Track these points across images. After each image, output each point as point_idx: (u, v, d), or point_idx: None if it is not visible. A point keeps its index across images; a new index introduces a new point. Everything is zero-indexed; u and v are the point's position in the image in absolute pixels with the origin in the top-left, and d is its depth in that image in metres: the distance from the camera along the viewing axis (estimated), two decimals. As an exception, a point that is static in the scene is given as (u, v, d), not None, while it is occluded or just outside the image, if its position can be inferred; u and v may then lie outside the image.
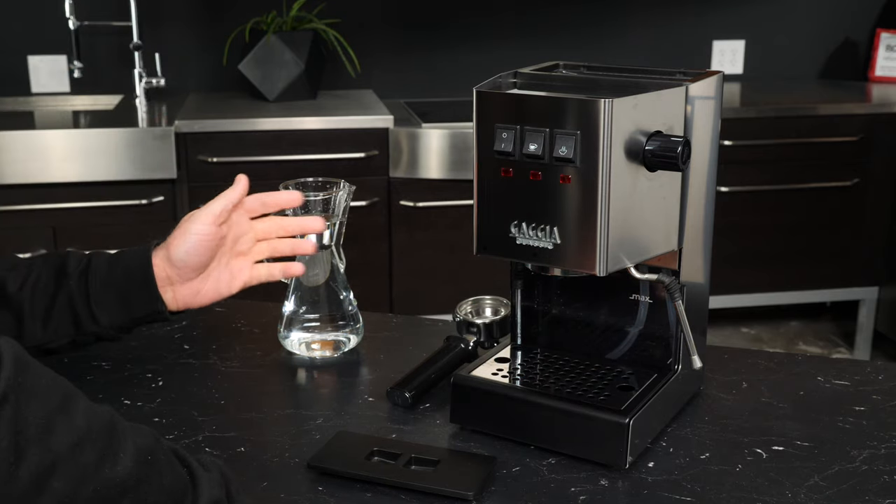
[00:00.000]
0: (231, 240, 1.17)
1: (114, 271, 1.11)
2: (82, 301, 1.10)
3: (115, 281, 1.11)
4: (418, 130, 3.00)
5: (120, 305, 1.11)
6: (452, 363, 1.16)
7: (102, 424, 0.71)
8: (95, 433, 0.70)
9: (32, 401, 0.67)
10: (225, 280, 1.17)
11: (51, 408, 0.68)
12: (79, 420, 0.69)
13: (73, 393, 0.71)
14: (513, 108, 0.94)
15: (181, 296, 1.14)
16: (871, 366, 1.23)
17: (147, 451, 0.74)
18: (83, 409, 0.70)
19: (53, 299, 1.10)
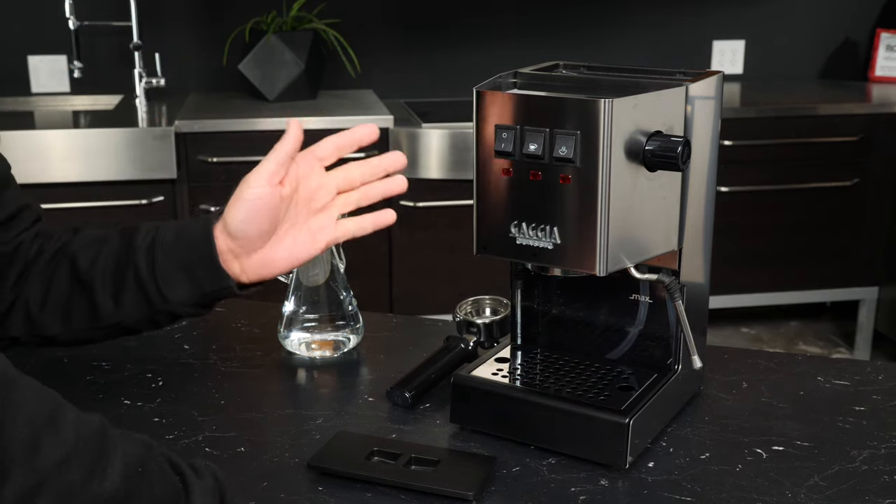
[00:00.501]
0: (303, 197, 1.03)
1: (179, 245, 1.00)
2: (150, 278, 1.00)
3: (180, 256, 1.00)
4: (418, 130, 2.99)
5: (188, 282, 1.00)
6: (452, 363, 1.16)
7: (91, 438, 0.70)
8: (83, 448, 0.69)
9: (18, 417, 0.66)
10: (303, 243, 1.03)
11: (38, 424, 0.67)
12: (66, 435, 0.68)
13: (61, 406, 0.69)
14: (513, 108, 0.94)
15: (250, 268, 1.02)
16: (871, 366, 1.23)
17: (138, 461, 0.73)
18: (71, 423, 0.69)
19: (123, 276, 1.01)
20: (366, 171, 1.06)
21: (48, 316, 1.04)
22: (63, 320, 1.04)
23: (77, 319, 1.04)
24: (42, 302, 1.04)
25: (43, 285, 1.04)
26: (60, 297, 1.04)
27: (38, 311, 1.04)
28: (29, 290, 1.05)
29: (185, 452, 1.02)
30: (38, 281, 1.04)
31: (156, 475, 0.74)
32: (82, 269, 1.03)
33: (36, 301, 1.04)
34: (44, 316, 1.04)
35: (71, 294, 1.03)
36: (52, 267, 1.05)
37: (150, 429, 1.07)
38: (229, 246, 1.00)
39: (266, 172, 0.99)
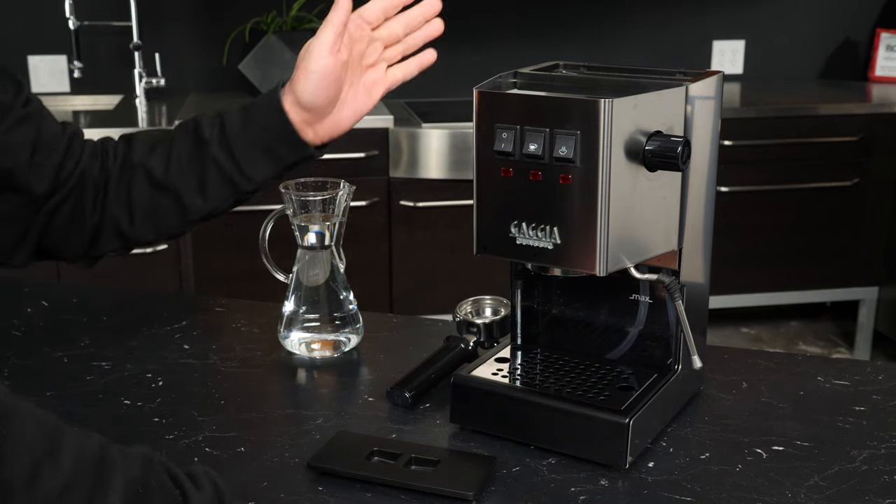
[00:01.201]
0: (356, 58, 1.10)
1: (252, 129, 1.08)
2: (232, 166, 1.08)
3: (256, 139, 1.08)
4: (418, 130, 2.99)
5: (271, 161, 1.09)
6: (452, 363, 1.16)
7: (91, 463, 0.70)
8: (83, 475, 0.69)
9: (18, 448, 0.66)
10: (362, 97, 1.12)
11: (37, 455, 0.67)
12: (66, 464, 0.68)
13: (60, 433, 0.69)
14: (513, 108, 0.94)
15: (322, 131, 1.11)
16: (871, 366, 1.23)
17: (138, 482, 0.73)
18: (71, 451, 0.69)
19: (203, 171, 1.09)
20: (407, 22, 1.13)
21: (139, 228, 1.12)
22: (155, 227, 1.12)
23: (167, 223, 1.12)
24: (130, 219, 1.11)
25: (125, 203, 1.11)
26: (146, 208, 1.11)
27: (128, 226, 1.11)
28: (111, 211, 1.10)
29: (185, 452, 1.02)
30: (117, 201, 1.10)
31: (156, 493, 0.74)
32: (160, 177, 1.09)
33: (124, 219, 1.11)
34: (135, 229, 1.12)
35: (156, 203, 1.10)
36: (125, 184, 1.10)
37: (150, 429, 1.07)
38: (303, 117, 1.09)
39: (326, 45, 1.05)
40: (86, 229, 1.12)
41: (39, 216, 1.10)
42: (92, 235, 1.13)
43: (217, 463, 1.00)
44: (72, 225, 1.12)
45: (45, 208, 1.10)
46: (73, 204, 1.11)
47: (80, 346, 1.28)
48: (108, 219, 1.12)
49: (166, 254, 2.93)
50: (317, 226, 1.24)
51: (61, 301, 1.43)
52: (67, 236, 1.12)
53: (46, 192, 1.09)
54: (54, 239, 1.13)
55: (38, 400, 1.12)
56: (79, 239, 1.13)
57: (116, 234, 1.13)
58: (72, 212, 1.11)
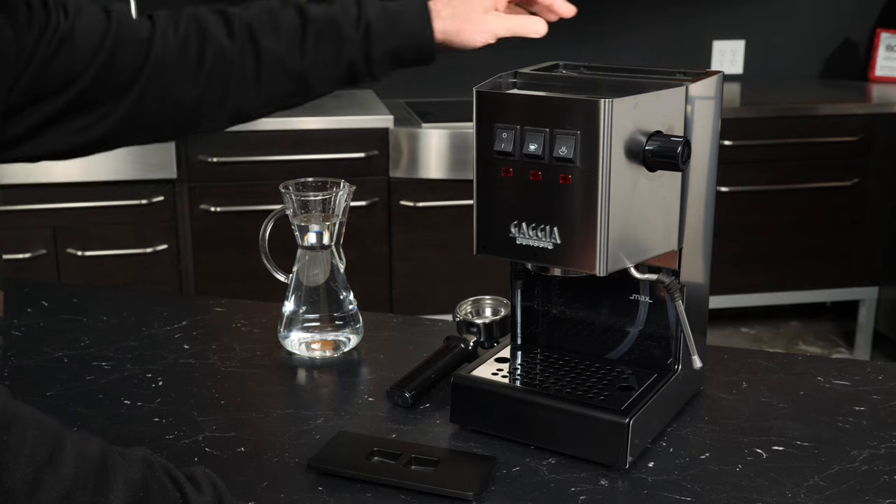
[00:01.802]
0: None
1: (394, 38, 1.10)
2: (364, 67, 1.11)
3: (394, 47, 1.10)
4: (418, 130, 2.99)
5: (395, 63, 1.12)
6: (452, 363, 1.16)
7: (92, 468, 0.70)
8: (84, 480, 0.69)
9: (20, 457, 0.66)
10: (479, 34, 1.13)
11: (38, 463, 0.67)
12: (67, 470, 0.68)
13: (61, 439, 0.69)
14: (513, 108, 0.94)
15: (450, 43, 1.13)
16: (871, 366, 1.23)
17: (139, 486, 0.73)
18: (72, 457, 0.69)
19: (337, 67, 1.10)
20: None
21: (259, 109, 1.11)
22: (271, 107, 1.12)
23: (286, 104, 1.13)
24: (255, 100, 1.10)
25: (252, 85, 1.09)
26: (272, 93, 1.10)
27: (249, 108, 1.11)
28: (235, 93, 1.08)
29: (185, 452, 1.02)
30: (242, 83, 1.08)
31: (157, 496, 0.75)
32: (294, 68, 1.09)
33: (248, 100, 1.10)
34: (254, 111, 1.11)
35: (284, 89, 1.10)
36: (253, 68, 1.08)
37: (150, 429, 1.07)
38: (445, 30, 1.11)
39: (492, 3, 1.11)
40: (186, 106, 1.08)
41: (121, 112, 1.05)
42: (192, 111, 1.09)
43: (217, 463, 1.00)
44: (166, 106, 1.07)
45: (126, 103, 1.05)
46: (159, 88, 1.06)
47: (80, 346, 1.28)
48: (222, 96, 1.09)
49: (166, 254, 2.93)
50: (317, 226, 1.24)
51: (61, 301, 1.43)
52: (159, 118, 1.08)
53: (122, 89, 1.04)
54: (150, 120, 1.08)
55: (38, 400, 1.12)
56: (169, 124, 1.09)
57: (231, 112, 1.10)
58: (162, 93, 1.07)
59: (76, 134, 1.04)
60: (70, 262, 2.87)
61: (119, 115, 1.05)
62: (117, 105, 1.04)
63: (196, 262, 2.99)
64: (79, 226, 2.84)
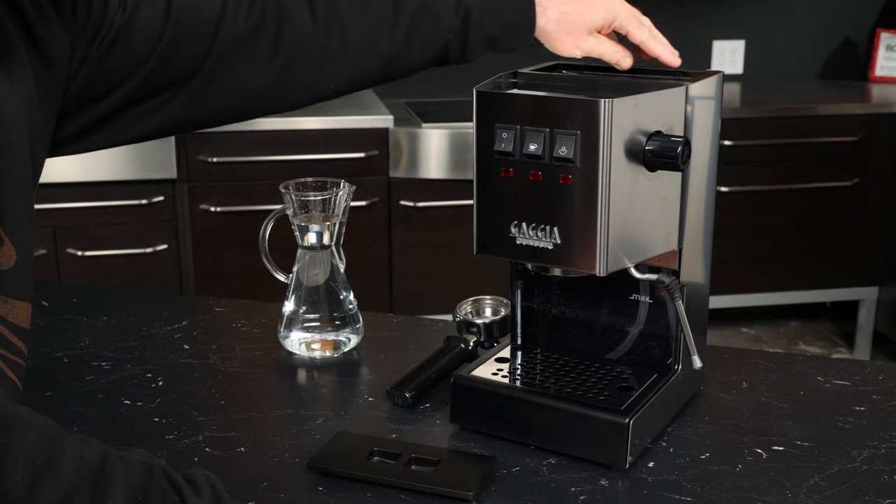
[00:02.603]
0: None
1: (496, 23, 1.07)
2: (458, 50, 1.09)
3: (491, 33, 1.08)
4: (418, 130, 2.99)
5: (489, 48, 1.10)
6: (452, 363, 1.16)
7: (91, 472, 0.70)
8: (83, 484, 0.69)
9: (19, 460, 0.66)
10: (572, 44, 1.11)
11: (37, 466, 0.67)
12: (66, 473, 0.68)
13: (60, 442, 0.69)
14: (513, 108, 0.94)
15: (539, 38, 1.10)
16: (871, 366, 1.23)
17: (138, 490, 0.73)
18: (71, 460, 0.69)
19: (429, 50, 1.08)
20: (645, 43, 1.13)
21: (337, 92, 1.10)
22: (354, 88, 1.10)
23: (369, 82, 1.11)
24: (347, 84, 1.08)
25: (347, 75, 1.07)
26: (359, 76, 1.08)
27: (331, 89, 1.08)
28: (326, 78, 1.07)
29: (185, 452, 1.02)
30: (337, 68, 1.06)
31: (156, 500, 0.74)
32: (384, 52, 1.07)
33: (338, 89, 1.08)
34: (336, 89, 1.09)
35: (369, 73, 1.08)
36: (349, 63, 1.06)
37: (150, 429, 1.07)
38: (546, 29, 1.08)
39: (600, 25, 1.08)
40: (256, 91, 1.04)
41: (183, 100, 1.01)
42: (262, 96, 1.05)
43: (217, 463, 1.00)
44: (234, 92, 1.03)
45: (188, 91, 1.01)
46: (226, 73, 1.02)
47: (80, 346, 1.28)
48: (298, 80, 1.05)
49: (166, 254, 2.93)
50: (317, 226, 1.24)
51: (61, 301, 1.43)
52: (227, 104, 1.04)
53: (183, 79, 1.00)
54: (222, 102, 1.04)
55: (37, 400, 1.12)
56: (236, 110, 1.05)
57: (303, 93, 1.07)
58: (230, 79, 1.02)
59: (133, 126, 1.00)
60: (70, 262, 2.87)
61: (179, 104, 1.00)
62: (176, 95, 1.00)
63: (196, 262, 2.99)
64: (79, 226, 2.84)
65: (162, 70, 0.98)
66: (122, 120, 0.99)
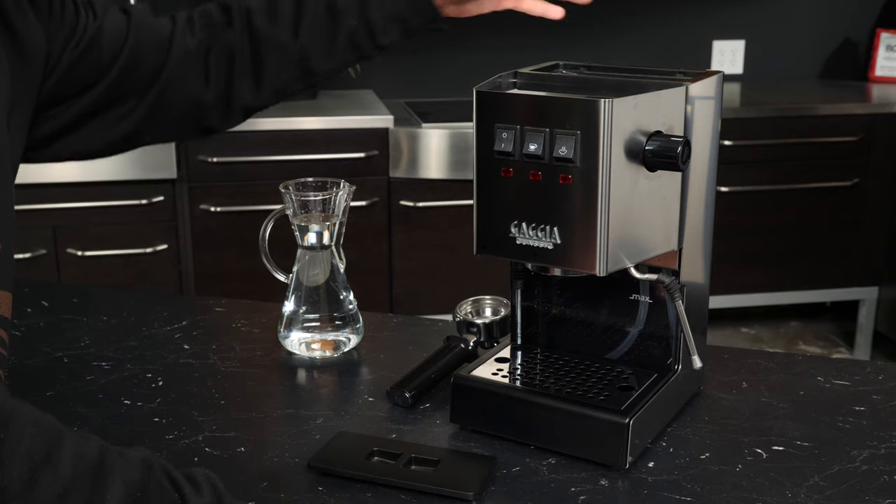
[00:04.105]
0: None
1: (392, 3, 1.08)
2: (365, 34, 1.09)
3: (393, 10, 1.09)
4: (418, 130, 2.99)
5: (400, 28, 1.10)
6: (452, 363, 1.16)
7: (89, 467, 0.70)
8: (81, 479, 0.69)
9: (17, 455, 0.66)
10: None
11: (35, 461, 0.67)
12: (64, 469, 0.68)
13: (59, 437, 0.69)
14: (513, 108, 0.94)
15: (449, 11, 1.13)
16: (871, 366, 1.23)
17: (137, 487, 0.73)
18: (69, 456, 0.69)
19: (334, 39, 1.09)
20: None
21: (263, 97, 1.12)
22: (277, 94, 1.12)
23: (290, 88, 1.12)
24: (256, 89, 1.10)
25: (251, 75, 1.09)
26: (273, 78, 1.10)
27: (252, 98, 1.11)
28: (235, 85, 1.09)
29: (185, 452, 1.02)
30: (242, 74, 1.09)
31: (156, 497, 0.74)
32: (285, 42, 1.08)
33: (248, 91, 1.10)
34: (258, 98, 1.12)
35: (283, 73, 1.10)
36: (250, 56, 1.08)
37: (150, 429, 1.07)
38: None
39: None
40: (205, 104, 1.09)
41: (143, 109, 1.07)
42: (211, 109, 1.10)
43: (217, 463, 1.00)
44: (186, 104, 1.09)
45: (147, 101, 1.06)
46: (179, 86, 1.08)
47: (80, 346, 1.28)
48: (230, 92, 1.09)
49: (166, 254, 2.94)
50: (317, 226, 1.24)
51: (61, 301, 1.43)
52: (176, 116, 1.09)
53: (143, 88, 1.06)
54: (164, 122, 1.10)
55: (38, 400, 1.12)
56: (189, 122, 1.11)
57: (239, 106, 1.11)
58: (182, 92, 1.08)
59: (102, 133, 1.05)
60: (70, 262, 2.87)
61: (141, 113, 1.06)
62: (139, 104, 1.05)
63: (196, 262, 2.99)
64: (79, 226, 2.84)
65: (124, 79, 1.04)
66: (92, 126, 1.04)
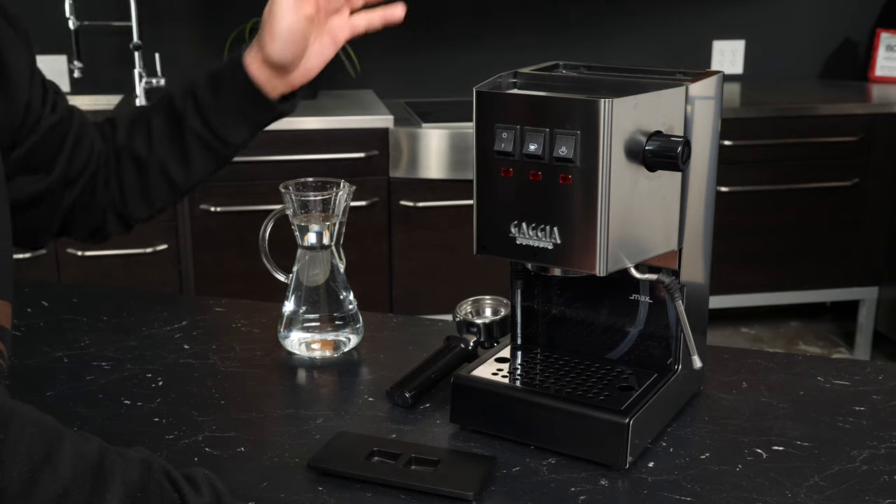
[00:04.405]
0: (322, 9, 1.11)
1: (222, 96, 1.11)
2: (210, 134, 1.11)
3: (227, 105, 1.11)
4: (418, 130, 3.00)
5: (244, 122, 1.12)
6: (452, 363, 1.16)
7: (89, 468, 0.70)
8: (81, 480, 0.69)
9: (17, 456, 0.66)
10: (327, 45, 1.12)
11: (35, 461, 0.67)
12: (64, 469, 0.68)
13: (59, 438, 0.70)
14: (513, 108, 0.94)
15: (294, 80, 1.12)
16: (871, 366, 1.23)
17: (137, 486, 0.73)
18: (69, 456, 0.69)
19: (184, 144, 1.12)
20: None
21: (133, 208, 1.16)
22: (149, 205, 1.16)
23: (159, 198, 1.16)
24: (123, 201, 1.15)
25: (117, 186, 1.14)
26: (137, 188, 1.14)
27: (123, 208, 1.15)
28: (108, 194, 1.14)
29: (185, 452, 1.02)
30: (107, 185, 1.13)
31: (155, 497, 0.74)
32: (144, 157, 1.13)
33: (118, 201, 1.14)
34: (130, 210, 1.16)
35: (145, 182, 1.14)
36: (114, 168, 1.13)
37: (150, 429, 1.07)
38: (270, 74, 1.10)
39: (290, 4, 1.06)
40: (98, 208, 1.15)
41: (65, 198, 1.11)
42: (102, 214, 1.16)
43: (217, 463, 1.00)
44: (90, 204, 1.14)
45: (71, 191, 1.11)
46: (91, 185, 1.13)
47: (80, 346, 1.28)
48: (107, 204, 1.15)
49: (166, 254, 2.93)
50: (317, 226, 1.24)
51: (61, 301, 1.43)
52: (84, 215, 1.15)
53: (75, 175, 1.10)
54: (73, 219, 1.15)
55: (38, 400, 1.12)
56: (92, 218, 1.16)
57: (117, 217, 1.17)
58: (90, 192, 1.14)
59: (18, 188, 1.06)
60: (70, 262, 2.87)
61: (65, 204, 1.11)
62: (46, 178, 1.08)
63: (196, 262, 2.99)
64: (79, 226, 2.84)
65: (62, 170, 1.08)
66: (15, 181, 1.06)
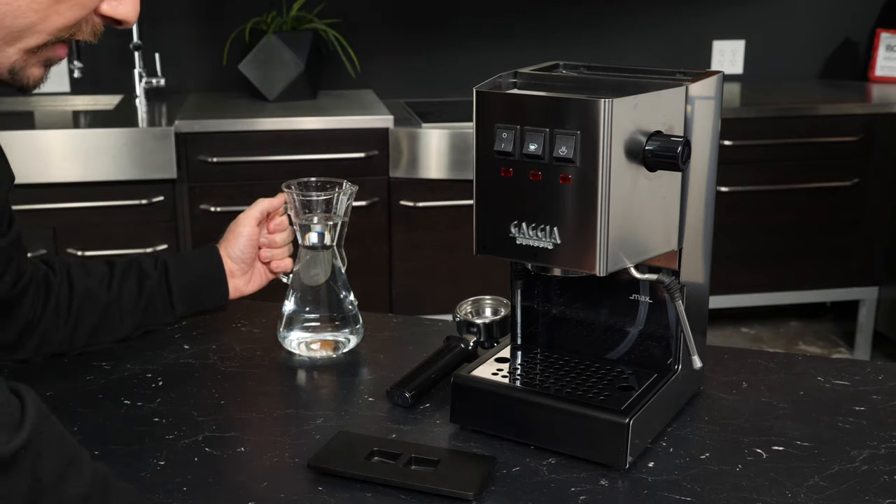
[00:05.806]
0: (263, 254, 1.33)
1: (191, 273, 1.28)
2: (162, 298, 1.25)
3: (191, 282, 1.27)
4: (418, 130, 2.99)
5: (193, 302, 1.28)
6: (452, 363, 1.16)
7: (102, 482, 0.76)
8: (98, 489, 0.75)
9: (50, 450, 0.70)
10: (263, 275, 1.34)
11: (64, 460, 0.72)
12: (86, 475, 0.74)
13: (79, 448, 0.75)
14: (513, 108, 0.94)
15: (235, 287, 1.31)
16: (871, 366, 1.23)
17: None
18: (88, 465, 0.75)
19: (139, 299, 1.24)
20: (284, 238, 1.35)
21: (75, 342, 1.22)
22: (88, 343, 1.23)
23: (99, 339, 1.23)
24: (71, 336, 1.21)
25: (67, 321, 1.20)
26: (87, 327, 1.21)
27: (69, 348, 1.22)
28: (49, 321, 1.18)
29: (185, 452, 1.02)
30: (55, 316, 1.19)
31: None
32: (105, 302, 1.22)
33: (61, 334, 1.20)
34: (70, 344, 1.21)
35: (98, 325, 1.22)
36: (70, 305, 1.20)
37: (150, 429, 1.07)
38: (230, 268, 1.30)
39: (254, 217, 1.30)
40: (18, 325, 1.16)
41: None
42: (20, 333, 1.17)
43: (217, 463, 1.00)
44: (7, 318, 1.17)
45: None
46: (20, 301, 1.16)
47: (80, 346, 1.28)
48: (42, 324, 1.17)
49: (166, 254, 2.93)
50: (318, 226, 1.24)
51: (61, 301, 1.43)
52: None
53: None
54: None
55: (38, 400, 1.12)
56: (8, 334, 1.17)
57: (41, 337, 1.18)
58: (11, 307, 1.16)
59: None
60: (70, 262, 2.87)
61: None
62: None
63: (196, 262, 2.98)
64: (79, 226, 2.84)
65: None
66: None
